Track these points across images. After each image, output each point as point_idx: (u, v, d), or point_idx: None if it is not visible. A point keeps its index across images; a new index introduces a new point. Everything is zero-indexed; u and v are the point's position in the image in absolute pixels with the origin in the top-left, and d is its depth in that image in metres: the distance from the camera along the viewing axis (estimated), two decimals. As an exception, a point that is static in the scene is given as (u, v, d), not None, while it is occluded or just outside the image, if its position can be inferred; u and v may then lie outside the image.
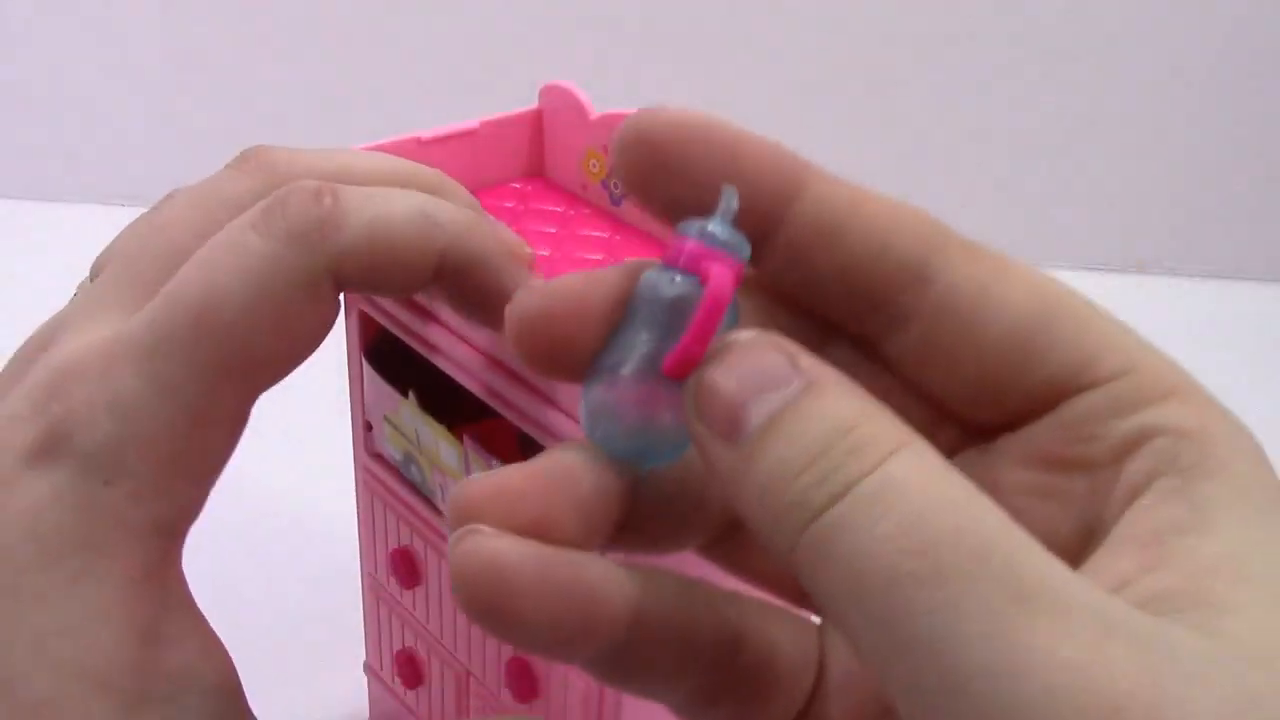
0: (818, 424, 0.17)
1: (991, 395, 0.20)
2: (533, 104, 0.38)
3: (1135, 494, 0.19)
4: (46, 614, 0.21)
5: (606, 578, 0.19)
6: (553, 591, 0.19)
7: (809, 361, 0.18)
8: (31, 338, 0.24)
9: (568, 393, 0.28)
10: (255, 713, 0.23)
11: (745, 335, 0.18)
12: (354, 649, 0.43)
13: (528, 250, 0.30)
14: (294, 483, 0.25)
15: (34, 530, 0.21)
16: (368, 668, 0.43)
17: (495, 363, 0.31)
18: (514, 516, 0.19)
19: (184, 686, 0.22)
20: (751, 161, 0.20)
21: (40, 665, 0.21)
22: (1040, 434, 0.20)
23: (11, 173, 0.83)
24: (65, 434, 0.22)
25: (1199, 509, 0.18)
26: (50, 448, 0.22)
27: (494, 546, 0.18)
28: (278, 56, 0.83)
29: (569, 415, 0.29)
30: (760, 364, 0.18)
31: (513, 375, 0.30)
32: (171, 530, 0.22)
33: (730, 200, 0.19)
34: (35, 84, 0.84)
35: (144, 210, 0.30)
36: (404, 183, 0.28)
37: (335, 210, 0.23)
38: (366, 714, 0.45)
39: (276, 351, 0.23)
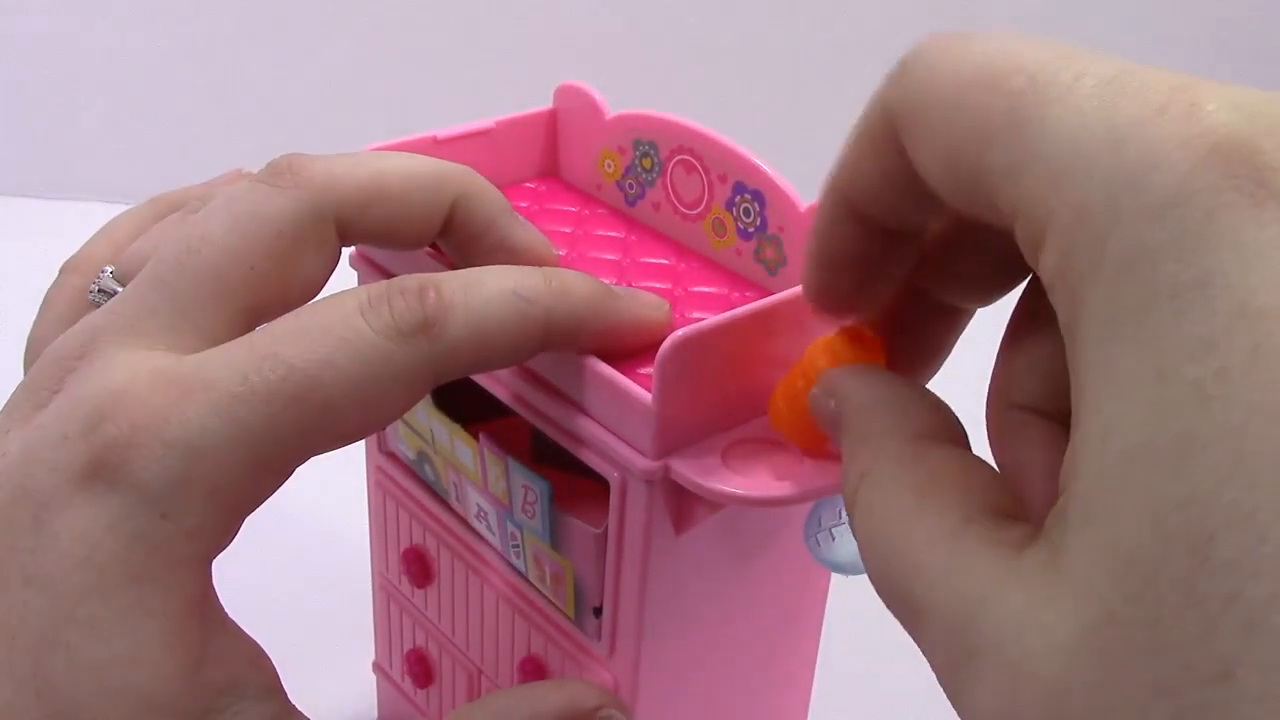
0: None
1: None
2: (548, 104, 0.38)
3: None
4: (104, 644, 0.21)
5: None
6: None
7: None
8: (63, 342, 0.24)
9: (585, 393, 0.28)
10: None
11: None
12: (363, 648, 0.43)
13: (554, 252, 0.30)
14: (305, 480, 0.25)
15: (89, 559, 0.22)
16: (377, 667, 0.43)
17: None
18: None
19: (238, 696, 0.23)
20: None
21: (101, 694, 0.21)
22: None
23: (13, 171, 0.83)
24: (120, 461, 0.22)
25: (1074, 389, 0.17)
26: (103, 473, 0.22)
27: None
28: (292, 55, 0.83)
29: (587, 415, 0.29)
30: None
31: (530, 375, 0.30)
32: (211, 558, 0.23)
33: None
34: (37, 82, 0.84)
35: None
36: (435, 185, 0.28)
37: (439, 309, 0.24)
38: (375, 713, 0.45)
39: (358, 428, 0.24)
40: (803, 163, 0.34)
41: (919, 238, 0.24)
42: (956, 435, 0.22)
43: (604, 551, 0.30)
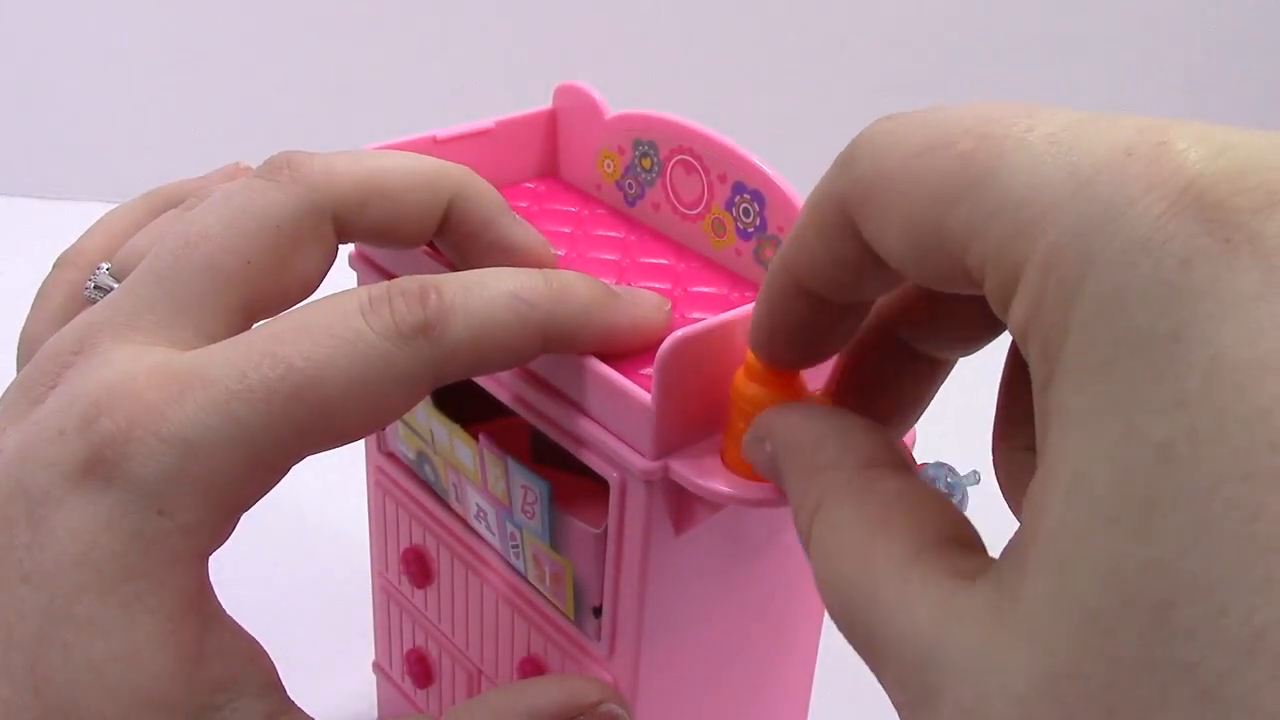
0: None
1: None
2: (547, 104, 0.38)
3: None
4: (102, 641, 0.21)
5: None
6: None
7: None
8: (60, 337, 0.24)
9: (585, 393, 0.28)
10: None
11: None
12: (363, 648, 0.43)
13: (552, 251, 0.30)
14: (305, 480, 0.25)
15: (86, 555, 0.21)
16: (377, 667, 0.43)
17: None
18: None
19: (235, 692, 0.23)
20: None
21: (100, 691, 0.21)
22: None
23: (15, 170, 0.83)
24: (117, 457, 0.22)
25: (1040, 437, 0.17)
26: (99, 469, 0.22)
27: None
28: (292, 55, 0.83)
29: (587, 415, 0.29)
30: None
31: (530, 376, 0.30)
32: (207, 555, 0.23)
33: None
34: (39, 81, 0.84)
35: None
36: (432, 183, 0.28)
37: (439, 311, 0.24)
38: (375, 713, 0.45)
39: (357, 428, 0.24)
40: (803, 163, 0.34)
41: (867, 308, 0.23)
42: (902, 460, 0.22)
43: (604, 552, 0.30)
